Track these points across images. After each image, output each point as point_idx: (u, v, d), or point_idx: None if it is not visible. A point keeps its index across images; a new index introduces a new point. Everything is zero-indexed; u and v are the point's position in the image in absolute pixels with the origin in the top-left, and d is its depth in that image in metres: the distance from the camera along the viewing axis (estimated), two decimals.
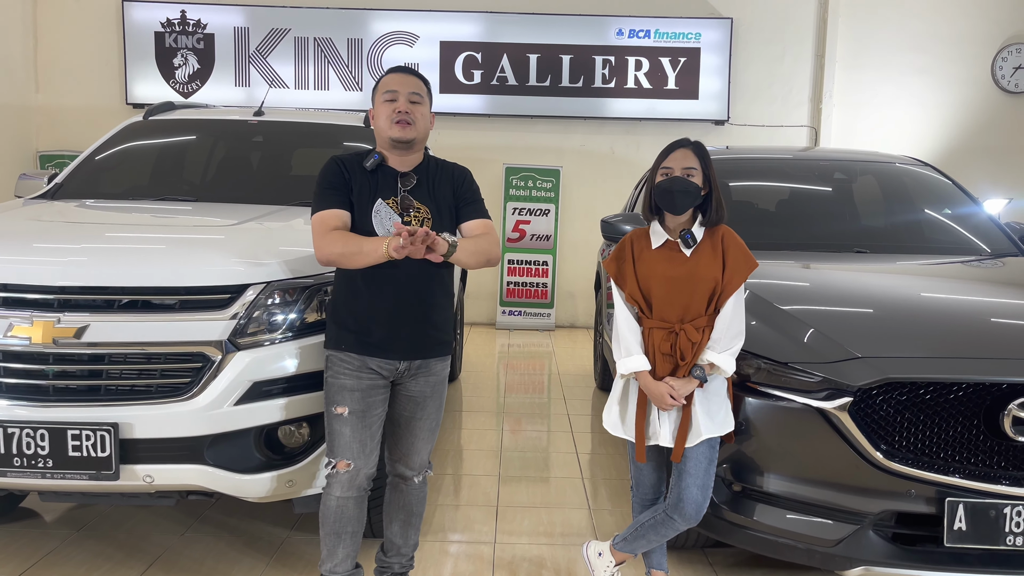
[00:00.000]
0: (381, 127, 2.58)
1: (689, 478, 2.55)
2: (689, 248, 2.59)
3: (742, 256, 2.59)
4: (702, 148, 2.63)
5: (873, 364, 2.60)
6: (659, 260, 2.61)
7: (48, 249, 2.90)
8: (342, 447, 2.53)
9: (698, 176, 2.58)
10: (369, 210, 2.53)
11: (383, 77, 2.63)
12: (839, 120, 8.59)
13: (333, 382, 2.56)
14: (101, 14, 8.53)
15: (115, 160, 4.17)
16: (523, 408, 5.60)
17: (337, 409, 2.53)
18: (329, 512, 2.59)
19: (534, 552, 3.35)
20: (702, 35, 8.46)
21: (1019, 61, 8.49)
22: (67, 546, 3.29)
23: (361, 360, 2.54)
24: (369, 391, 2.55)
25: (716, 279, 2.56)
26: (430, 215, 2.58)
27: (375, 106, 2.61)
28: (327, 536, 2.61)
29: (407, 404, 2.65)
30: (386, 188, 2.57)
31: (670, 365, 2.57)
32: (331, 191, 2.54)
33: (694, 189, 2.56)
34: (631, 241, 2.70)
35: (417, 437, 2.68)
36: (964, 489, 2.53)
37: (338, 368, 2.55)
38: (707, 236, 2.62)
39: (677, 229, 2.62)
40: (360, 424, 2.53)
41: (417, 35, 8.50)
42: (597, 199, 8.45)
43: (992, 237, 4.07)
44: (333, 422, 2.55)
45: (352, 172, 2.57)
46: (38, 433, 2.57)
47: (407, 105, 2.55)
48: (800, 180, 4.55)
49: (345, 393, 2.53)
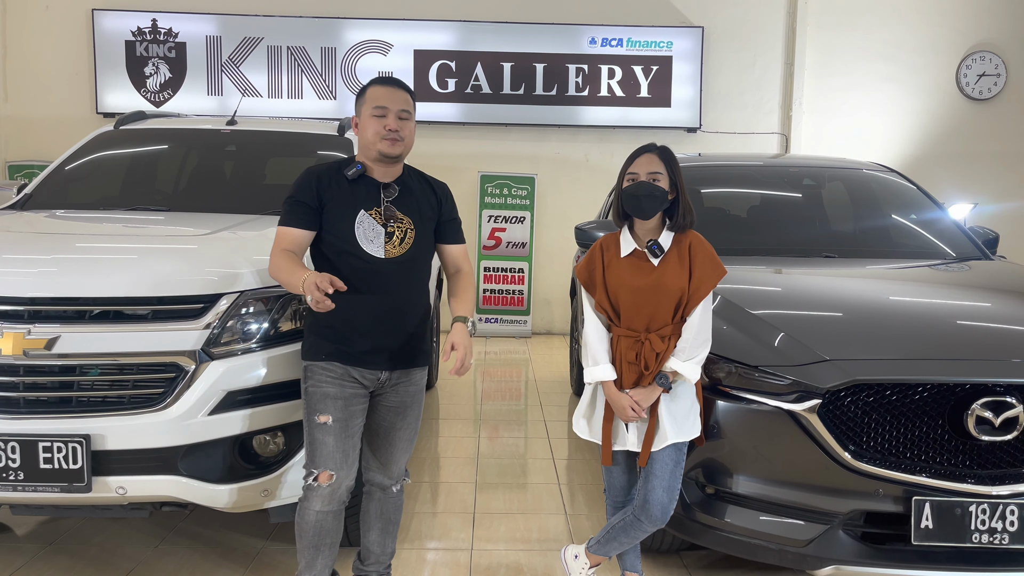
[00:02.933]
0: (369, 141, 2.56)
1: (655, 480, 2.58)
2: (656, 258, 2.60)
3: (710, 263, 2.61)
4: (668, 153, 2.66)
5: (841, 367, 2.65)
6: (627, 269, 2.63)
7: (18, 260, 2.87)
8: (325, 457, 2.51)
9: (664, 180, 2.60)
10: (351, 221, 2.53)
11: (370, 88, 2.61)
12: (809, 127, 8.72)
13: (315, 391, 2.53)
14: (71, 23, 8.45)
15: (86, 170, 4.13)
16: (500, 415, 5.62)
17: (320, 418, 2.51)
18: (308, 526, 2.56)
19: (511, 558, 3.36)
20: (674, 43, 8.55)
21: (983, 68, 8.67)
22: (38, 560, 3.25)
23: (344, 368, 2.53)
24: (351, 400, 2.54)
25: (682, 289, 2.58)
26: (413, 225, 2.60)
27: (361, 118, 2.60)
28: (305, 549, 2.59)
29: (387, 414, 2.65)
30: (368, 199, 2.57)
31: (635, 374, 2.59)
32: (298, 206, 2.54)
33: (660, 193, 2.58)
34: (601, 248, 2.72)
35: (396, 447, 2.69)
36: (930, 488, 2.58)
37: (320, 377, 2.53)
38: (675, 244, 2.63)
39: (646, 237, 2.64)
40: (343, 433, 2.52)
41: (391, 44, 8.51)
42: (572, 206, 8.49)
43: (957, 241, 4.15)
44: (315, 431, 2.52)
45: (330, 183, 2.56)
46: (8, 445, 2.55)
47: (396, 123, 2.55)
48: (771, 186, 4.62)
49: (328, 401, 2.51)
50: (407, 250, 2.58)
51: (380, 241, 2.54)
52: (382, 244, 2.54)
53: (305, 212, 2.53)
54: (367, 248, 2.52)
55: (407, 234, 2.58)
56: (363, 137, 2.58)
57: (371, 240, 2.52)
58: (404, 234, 2.57)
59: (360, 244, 2.52)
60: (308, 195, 2.54)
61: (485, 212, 8.57)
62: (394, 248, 2.55)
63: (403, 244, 2.57)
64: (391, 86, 2.61)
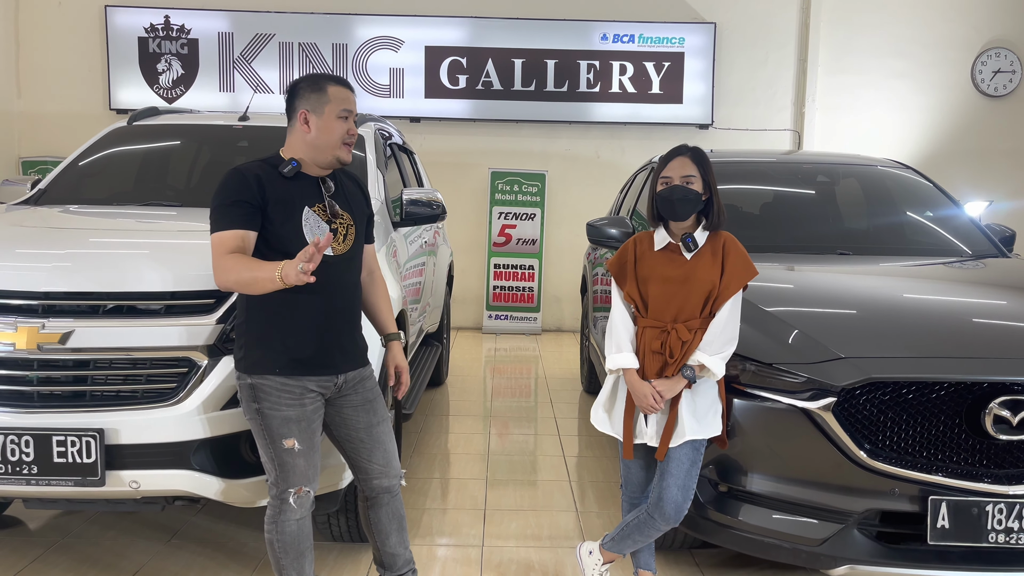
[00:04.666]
0: (330, 143, 2.44)
1: (670, 478, 2.57)
2: (690, 252, 2.61)
3: (741, 262, 2.61)
4: (700, 154, 2.66)
5: (856, 364, 2.62)
6: (660, 262, 2.64)
7: (32, 255, 2.89)
8: (297, 476, 2.44)
9: (698, 183, 2.60)
10: (295, 218, 2.40)
11: (332, 87, 2.46)
12: (822, 123, 8.67)
13: (273, 414, 2.40)
14: (84, 20, 8.48)
15: (99, 165, 4.14)
16: (510, 412, 5.61)
17: (286, 443, 2.40)
18: (291, 536, 2.48)
19: (522, 555, 3.35)
20: (686, 40, 8.51)
21: (999, 65, 8.60)
22: (51, 553, 3.26)
23: (300, 384, 2.42)
24: (312, 417, 2.46)
25: (713, 282, 2.58)
26: (352, 221, 2.53)
27: (325, 117, 2.43)
28: (293, 561, 2.50)
29: (357, 414, 2.57)
30: (310, 195, 2.45)
31: (659, 362, 2.58)
32: (233, 207, 2.36)
33: (694, 196, 2.59)
34: (635, 242, 2.73)
35: (385, 441, 2.63)
36: (947, 487, 2.55)
37: (276, 399, 2.40)
38: (709, 241, 2.64)
39: (680, 233, 2.65)
40: (310, 451, 2.46)
41: (402, 40, 8.51)
42: (583, 203, 8.47)
43: (973, 239, 4.12)
44: (283, 456, 2.42)
45: (265, 181, 2.41)
46: (23, 440, 2.56)
47: (354, 128, 2.49)
48: (784, 183, 4.59)
49: (291, 425, 2.41)
50: (350, 247, 2.50)
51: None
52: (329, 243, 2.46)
53: (248, 212, 2.36)
54: None
55: (348, 230, 2.50)
56: (326, 138, 2.44)
57: (320, 236, 2.37)
58: (347, 231, 2.49)
59: (308, 242, 2.31)
60: (249, 194, 2.37)
61: (495, 209, 8.56)
62: (339, 245, 2.47)
63: (346, 241, 2.49)
64: (349, 88, 2.50)
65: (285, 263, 2.15)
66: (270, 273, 2.17)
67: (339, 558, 3.27)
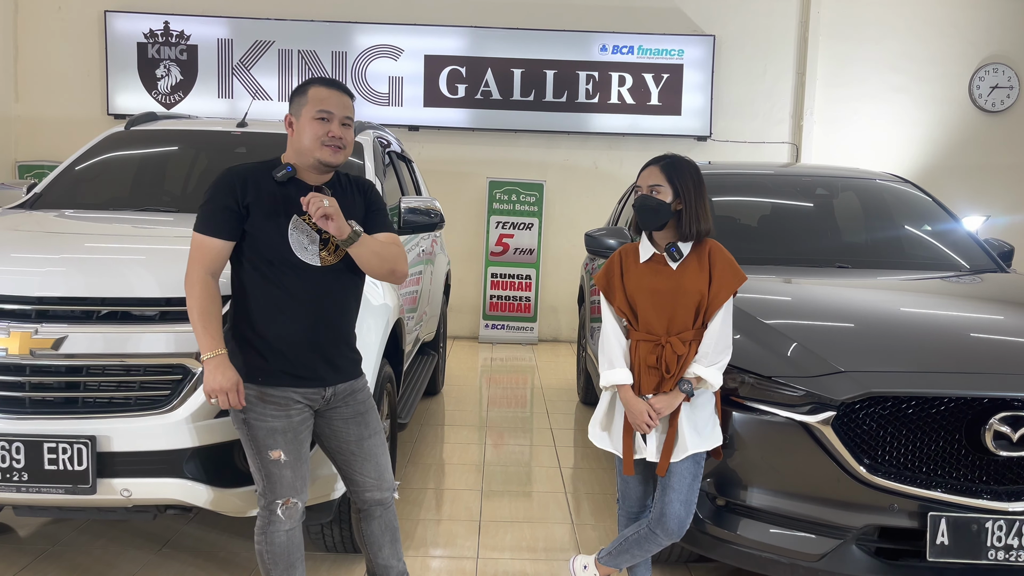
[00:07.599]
0: (307, 146, 2.39)
1: (672, 493, 2.55)
2: (675, 262, 2.59)
3: (729, 270, 2.59)
4: (675, 165, 2.62)
5: (856, 378, 2.61)
6: (646, 273, 2.62)
7: (26, 259, 2.86)
8: (284, 488, 2.42)
9: (665, 192, 2.58)
10: (282, 224, 2.37)
11: (313, 88, 2.43)
12: (820, 136, 8.69)
13: (259, 424, 2.37)
14: (83, 24, 8.48)
15: (96, 170, 4.12)
16: (506, 422, 5.58)
17: (272, 454, 2.38)
18: (280, 547, 2.45)
19: (517, 567, 3.32)
20: (685, 52, 8.53)
21: (996, 80, 8.63)
22: (40, 562, 3.23)
23: (283, 395, 2.39)
24: (299, 428, 2.43)
25: (702, 292, 2.56)
26: None
27: (300, 119, 2.41)
28: (283, 572, 2.47)
29: (348, 427, 2.53)
30: (300, 203, 2.36)
31: (655, 378, 2.56)
32: (219, 212, 2.35)
33: (657, 205, 2.57)
34: (620, 255, 2.70)
35: (378, 455, 2.59)
36: (946, 503, 2.54)
37: (261, 409, 2.37)
38: (694, 251, 2.62)
39: (663, 243, 2.63)
40: (298, 462, 2.43)
41: (402, 48, 8.51)
42: (580, 213, 8.48)
43: (971, 253, 4.11)
44: (270, 467, 2.40)
45: (256, 184, 2.38)
46: (13, 446, 2.52)
47: (340, 130, 2.40)
48: (782, 196, 4.59)
49: (277, 436, 2.38)
50: (341, 259, 2.42)
51: (315, 248, 2.38)
52: (317, 252, 2.38)
53: (228, 218, 2.35)
54: (301, 256, 2.36)
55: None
56: (299, 141, 2.40)
57: (305, 247, 2.37)
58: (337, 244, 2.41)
59: (294, 252, 2.35)
60: (230, 198, 2.35)
61: (493, 218, 8.55)
62: (329, 256, 2.40)
63: (338, 251, 2.41)
64: (336, 89, 2.45)
65: (216, 377, 2.29)
66: (203, 345, 2.31)
67: (332, 569, 3.24)
